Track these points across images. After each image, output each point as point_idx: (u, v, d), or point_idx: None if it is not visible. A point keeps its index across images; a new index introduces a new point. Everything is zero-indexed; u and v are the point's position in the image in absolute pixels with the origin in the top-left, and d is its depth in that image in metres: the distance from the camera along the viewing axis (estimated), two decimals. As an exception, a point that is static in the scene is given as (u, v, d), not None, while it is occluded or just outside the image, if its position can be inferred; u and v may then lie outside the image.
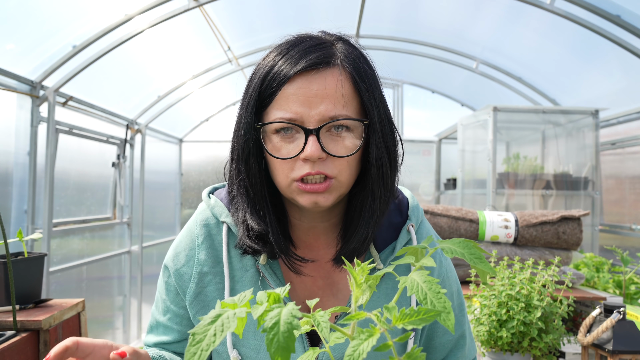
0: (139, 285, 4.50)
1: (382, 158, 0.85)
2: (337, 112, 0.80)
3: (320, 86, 0.80)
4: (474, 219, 2.15)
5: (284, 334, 0.48)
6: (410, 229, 0.96)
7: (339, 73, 0.82)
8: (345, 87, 0.82)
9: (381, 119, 0.85)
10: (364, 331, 0.51)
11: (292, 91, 0.81)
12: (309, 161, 0.81)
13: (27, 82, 2.83)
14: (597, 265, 2.44)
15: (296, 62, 0.81)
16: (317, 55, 0.82)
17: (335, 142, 0.82)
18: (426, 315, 0.50)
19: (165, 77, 4.25)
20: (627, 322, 1.48)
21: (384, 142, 0.85)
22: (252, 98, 0.84)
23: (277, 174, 0.85)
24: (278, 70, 0.82)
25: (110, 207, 4.06)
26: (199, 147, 5.84)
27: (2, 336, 1.25)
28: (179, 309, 0.96)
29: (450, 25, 4.25)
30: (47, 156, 3.00)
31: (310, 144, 0.79)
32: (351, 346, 0.50)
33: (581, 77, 4.06)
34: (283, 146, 0.82)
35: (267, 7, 4.00)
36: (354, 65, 0.84)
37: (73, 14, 2.83)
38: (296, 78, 0.81)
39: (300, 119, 0.80)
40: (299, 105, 0.80)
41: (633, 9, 2.75)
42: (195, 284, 0.92)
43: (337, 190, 0.84)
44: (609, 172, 3.79)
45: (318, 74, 0.81)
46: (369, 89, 0.84)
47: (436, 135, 5.84)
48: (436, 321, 0.95)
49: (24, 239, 1.52)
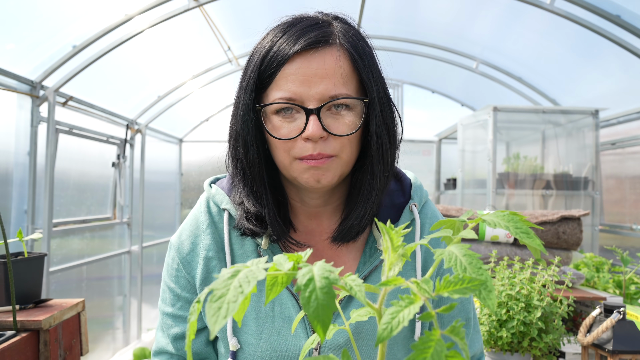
0: (139, 285, 4.50)
1: (382, 135, 0.85)
2: (337, 91, 0.80)
3: (320, 65, 0.80)
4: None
5: (322, 290, 0.42)
6: (413, 208, 0.95)
7: (337, 52, 0.82)
8: (344, 66, 0.82)
9: (380, 97, 0.85)
10: (403, 298, 0.46)
11: (291, 71, 0.80)
12: (311, 141, 0.80)
13: (27, 82, 2.83)
14: (597, 265, 2.44)
15: (295, 42, 0.81)
16: (316, 34, 0.82)
17: (336, 120, 0.82)
18: (471, 284, 0.45)
19: (165, 77, 4.25)
20: (627, 322, 1.48)
21: (383, 120, 0.85)
22: (252, 79, 0.84)
23: (278, 154, 0.84)
24: (277, 51, 0.82)
25: (110, 207, 4.07)
26: (199, 147, 5.84)
27: (2, 336, 1.25)
28: (191, 294, 0.95)
29: (450, 25, 4.25)
30: (47, 156, 3.00)
31: (312, 123, 0.79)
32: (389, 313, 0.44)
33: (581, 77, 4.06)
34: (283, 126, 0.82)
35: (267, 7, 4.00)
36: (352, 43, 0.84)
37: (73, 14, 2.83)
38: (295, 58, 0.80)
39: (300, 99, 0.80)
40: (299, 85, 0.80)
41: (633, 9, 2.75)
42: (202, 270, 0.92)
43: (339, 168, 0.84)
44: (609, 172, 3.79)
45: (317, 53, 0.81)
46: (368, 67, 0.84)
47: (436, 135, 5.84)
48: None
49: (24, 239, 1.52)
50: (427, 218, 0.98)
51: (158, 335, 1.00)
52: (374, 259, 0.92)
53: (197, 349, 0.95)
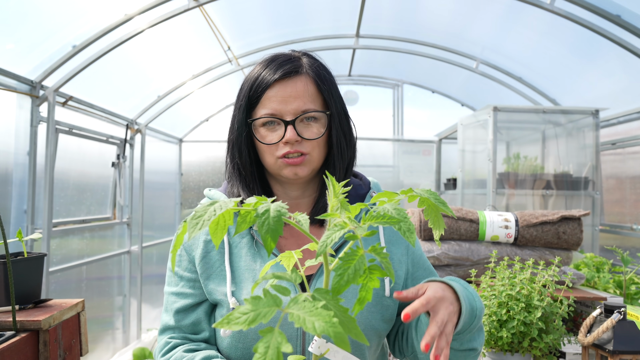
0: (139, 285, 4.50)
1: (340, 139, 1.15)
2: (306, 106, 1.09)
3: (293, 89, 1.09)
4: (474, 219, 2.15)
5: (274, 219, 0.57)
6: (373, 194, 1.20)
7: (305, 79, 1.11)
8: (310, 89, 1.11)
9: (339, 111, 1.14)
10: (337, 224, 0.62)
11: (272, 94, 1.09)
12: (289, 143, 1.08)
13: (27, 82, 2.83)
14: (597, 265, 2.44)
15: (274, 72, 1.10)
16: (289, 66, 1.11)
17: (306, 128, 1.10)
18: (389, 219, 0.61)
19: (165, 77, 4.25)
20: (627, 322, 1.48)
21: (341, 127, 1.15)
22: (243, 102, 1.13)
23: (266, 156, 1.13)
24: (261, 79, 1.11)
25: (110, 207, 4.06)
26: (199, 147, 5.83)
27: (2, 336, 1.24)
28: (191, 274, 1.15)
29: (450, 25, 4.25)
30: (47, 156, 3.00)
31: (289, 131, 1.08)
32: (325, 235, 0.60)
33: (581, 77, 4.06)
34: (268, 135, 1.11)
35: (268, 8, 3.99)
36: (316, 72, 1.13)
37: (73, 14, 2.83)
38: (275, 84, 1.09)
39: (280, 114, 1.09)
40: (278, 103, 1.09)
41: (633, 9, 2.75)
42: (201, 250, 1.14)
43: (311, 164, 1.12)
44: (609, 172, 3.79)
45: (290, 80, 1.10)
46: (329, 89, 1.13)
47: (436, 135, 5.84)
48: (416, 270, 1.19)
49: (24, 239, 1.52)
50: None
51: (163, 316, 1.18)
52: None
53: (195, 320, 1.14)
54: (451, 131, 5.21)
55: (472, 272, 1.85)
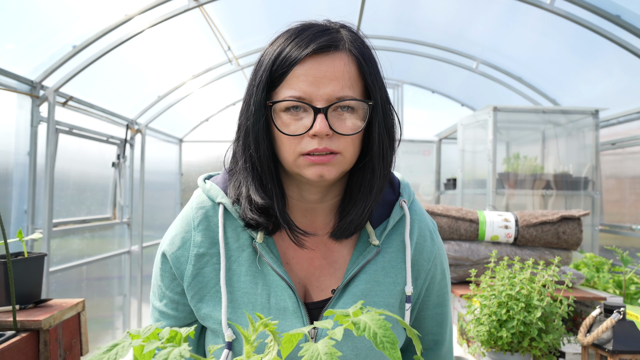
0: (139, 285, 4.50)
1: (383, 137, 0.91)
2: (344, 92, 0.85)
3: (329, 68, 0.85)
4: (474, 219, 2.15)
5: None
6: (403, 204, 1.01)
7: (346, 57, 0.87)
8: (351, 70, 0.87)
9: (382, 101, 0.90)
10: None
11: (302, 72, 0.85)
12: (317, 137, 0.85)
13: (27, 82, 2.83)
14: (597, 265, 2.44)
15: (307, 45, 0.86)
16: (326, 39, 0.87)
17: (341, 121, 0.86)
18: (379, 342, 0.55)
19: (165, 77, 4.25)
20: (627, 322, 1.48)
21: (384, 122, 0.91)
22: (263, 78, 0.88)
23: (284, 150, 0.88)
24: (289, 52, 0.86)
25: (110, 207, 4.06)
26: (199, 147, 5.84)
27: (2, 336, 1.25)
28: (174, 294, 0.98)
29: (450, 25, 4.25)
30: (47, 156, 3.00)
31: (319, 121, 0.84)
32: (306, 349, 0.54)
33: (581, 77, 4.06)
34: (292, 123, 0.86)
35: (268, 8, 4.00)
36: (359, 50, 0.89)
37: (73, 14, 2.83)
38: (307, 60, 0.85)
39: (309, 98, 0.85)
40: (308, 85, 0.84)
41: (633, 9, 2.75)
42: (192, 266, 0.94)
43: (341, 165, 0.88)
44: (609, 172, 3.79)
45: (327, 56, 0.86)
46: (373, 73, 0.89)
47: (436, 135, 5.84)
48: (427, 295, 1.03)
49: (24, 239, 1.52)
50: (415, 214, 1.03)
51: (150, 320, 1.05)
52: (367, 252, 0.96)
53: None
54: (451, 131, 5.21)
55: (472, 272, 1.85)
